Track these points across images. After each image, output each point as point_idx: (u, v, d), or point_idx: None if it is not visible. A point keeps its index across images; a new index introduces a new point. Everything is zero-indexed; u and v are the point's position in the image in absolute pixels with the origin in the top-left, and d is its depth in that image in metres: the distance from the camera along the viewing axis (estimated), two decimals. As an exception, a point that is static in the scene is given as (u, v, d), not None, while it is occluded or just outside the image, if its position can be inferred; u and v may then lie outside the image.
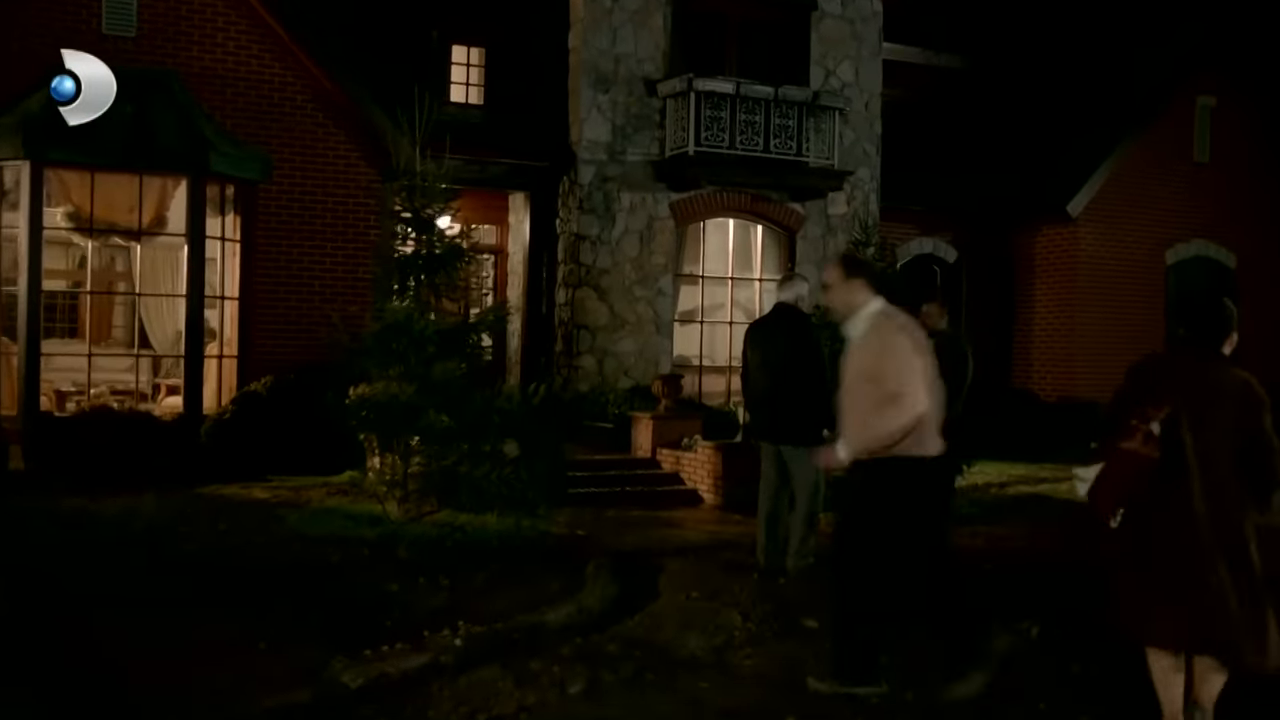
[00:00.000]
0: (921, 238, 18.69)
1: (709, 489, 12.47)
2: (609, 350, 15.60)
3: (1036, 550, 9.84)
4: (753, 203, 16.45)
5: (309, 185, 14.48)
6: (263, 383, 13.34)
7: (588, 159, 15.49)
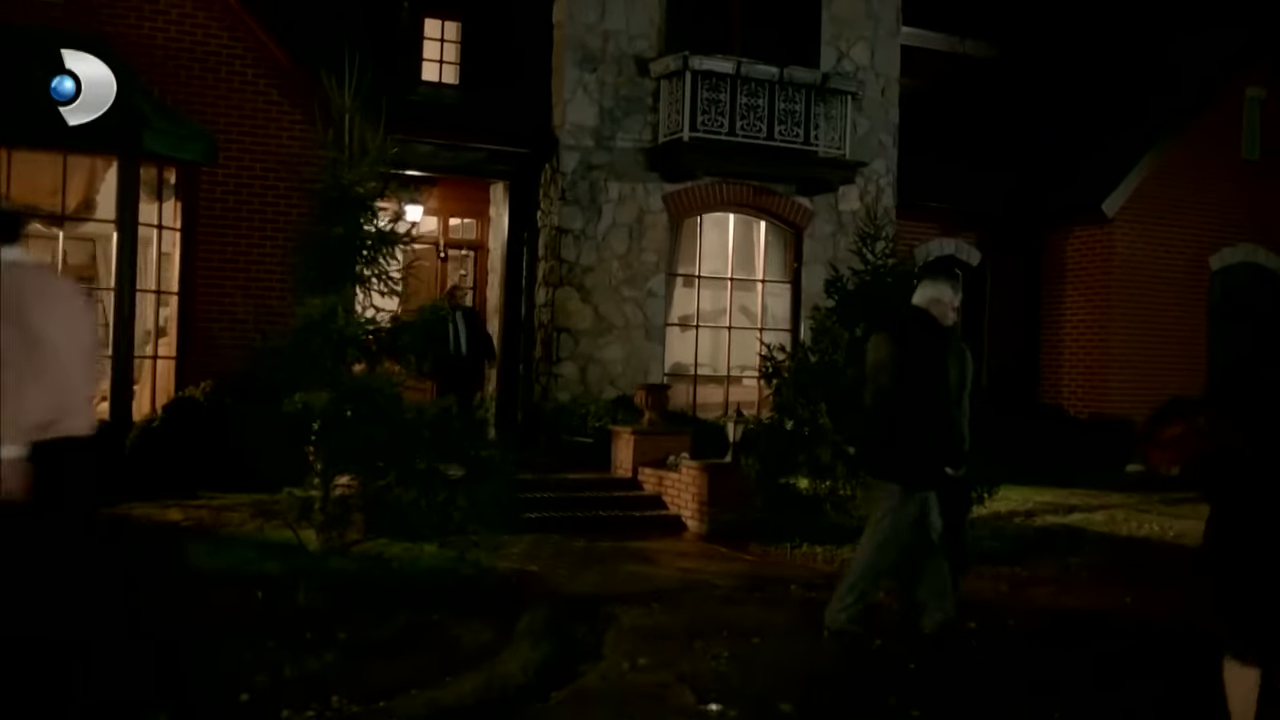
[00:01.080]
0: (942, 238, 17.15)
1: (693, 515, 10.97)
2: (593, 356, 14.11)
3: (1070, 603, 8.28)
4: (755, 196, 14.94)
5: (260, 169, 13.07)
6: (201, 388, 11.94)
7: (571, 145, 14.02)
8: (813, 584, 8.53)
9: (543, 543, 9.89)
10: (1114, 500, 13.11)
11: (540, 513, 10.83)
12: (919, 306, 6.90)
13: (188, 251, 12.78)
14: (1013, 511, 11.94)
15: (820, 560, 9.47)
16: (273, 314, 12.78)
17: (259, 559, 8.17)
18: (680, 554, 9.80)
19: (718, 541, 10.35)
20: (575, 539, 10.13)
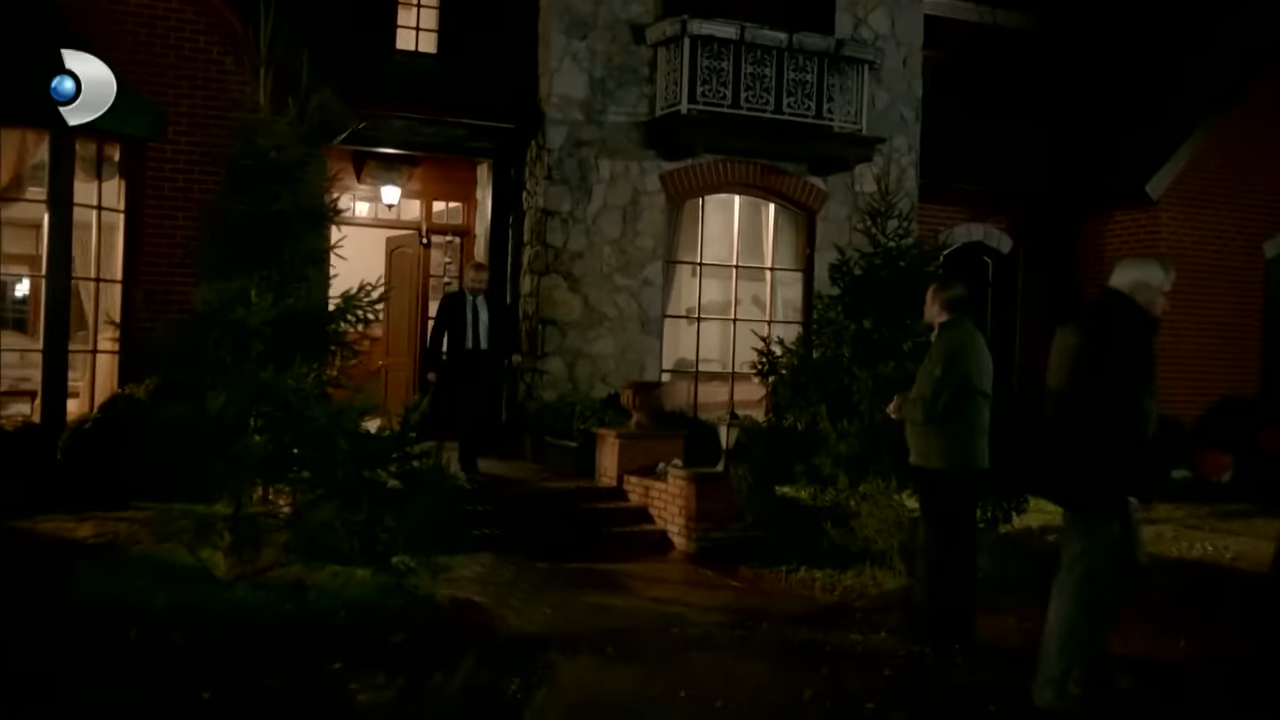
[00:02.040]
0: (970, 223, 15.76)
1: (680, 531, 9.70)
2: (582, 351, 12.84)
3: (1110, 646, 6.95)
4: (763, 175, 13.62)
5: (214, 146, 11.83)
6: (145, 385, 10.76)
7: (558, 119, 12.74)
8: (809, 620, 7.26)
9: (502, 565, 8.66)
10: (1159, 513, 11.70)
11: (506, 528, 9.60)
12: (1119, 291, 5.50)
13: (132, 235, 11.60)
14: (1045, 527, 10.54)
15: (819, 588, 8.19)
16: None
17: (152, 587, 6.95)
18: (658, 579, 8.53)
19: (705, 563, 9.08)
20: (541, 560, 8.89)
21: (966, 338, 6.87)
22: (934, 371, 6.70)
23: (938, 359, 6.74)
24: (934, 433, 6.69)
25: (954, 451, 6.70)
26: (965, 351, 6.78)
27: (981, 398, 6.81)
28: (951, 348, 6.77)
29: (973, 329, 6.99)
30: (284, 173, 7.43)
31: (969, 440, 6.74)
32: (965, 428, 6.73)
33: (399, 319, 15.14)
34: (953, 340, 6.80)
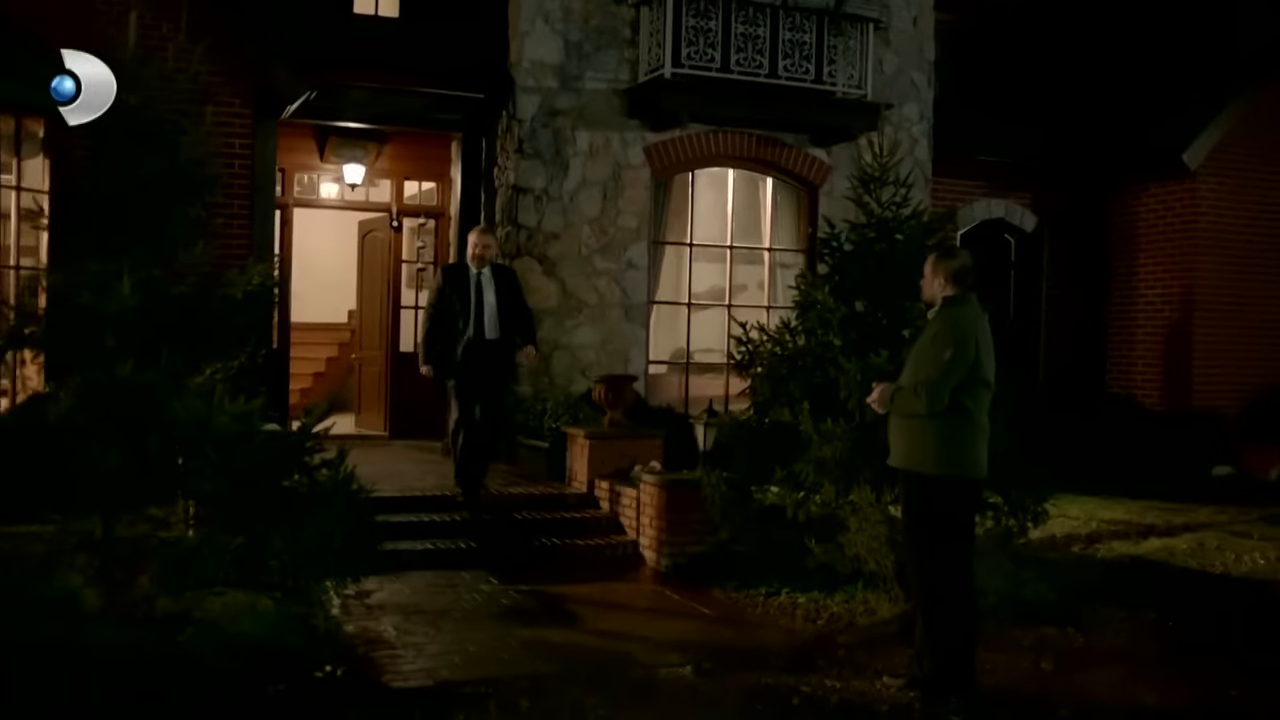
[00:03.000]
0: (989, 198, 14.49)
1: (650, 544, 8.55)
2: (559, 342, 11.69)
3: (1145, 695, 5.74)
4: (759, 147, 12.41)
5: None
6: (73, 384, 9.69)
7: (530, 86, 11.58)
8: (783, 659, 6.10)
9: (440, 588, 7.54)
10: (1200, 516, 10.45)
11: (457, 542, 8.49)
12: None
13: (58, 219, 10.53)
14: (1071, 536, 9.35)
15: (800, 616, 7.01)
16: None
17: None
18: (616, 605, 7.37)
19: (676, 583, 7.93)
20: (489, 580, 7.76)
21: (978, 318, 5.70)
22: (942, 354, 5.52)
23: (946, 339, 5.55)
24: (930, 430, 5.51)
25: (952, 454, 5.53)
26: (978, 333, 5.61)
27: (986, 390, 5.63)
28: (963, 327, 5.59)
29: (980, 308, 5.81)
30: (152, 132, 6.29)
31: (971, 441, 5.56)
32: (968, 426, 5.56)
33: (371, 309, 14.04)
34: (963, 319, 5.62)
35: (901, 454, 5.68)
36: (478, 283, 9.03)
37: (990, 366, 5.64)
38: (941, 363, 5.48)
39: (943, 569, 5.51)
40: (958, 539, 5.56)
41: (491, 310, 8.99)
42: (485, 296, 8.99)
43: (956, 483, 5.53)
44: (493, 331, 8.99)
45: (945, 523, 5.52)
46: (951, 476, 5.52)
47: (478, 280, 9.03)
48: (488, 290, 9.01)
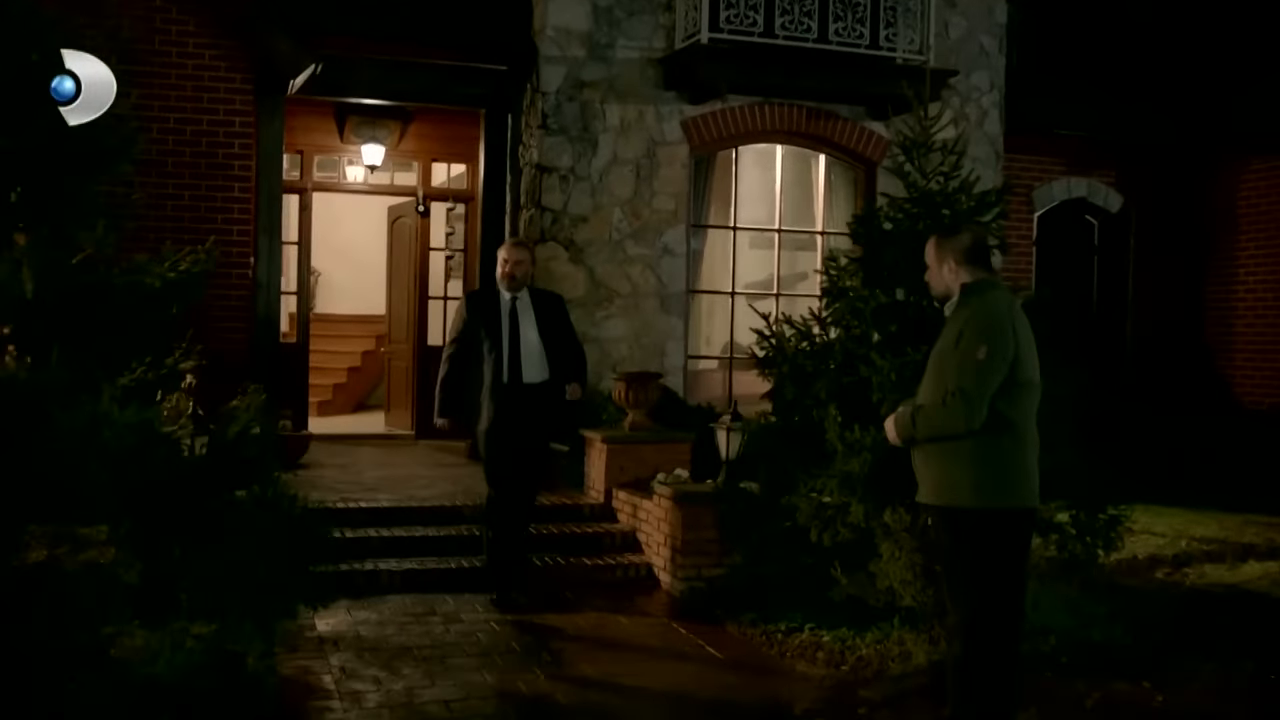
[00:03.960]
0: (1069, 176, 13.21)
1: (665, 566, 7.54)
2: (588, 335, 10.63)
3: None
4: (810, 121, 11.29)
5: (142, 97, 9.91)
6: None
7: (555, 55, 10.59)
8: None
9: (414, 616, 6.62)
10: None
11: (446, 561, 7.58)
12: None
13: (44, 204, 9.81)
14: (1155, 558, 8.14)
15: (822, 659, 5.96)
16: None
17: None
18: (614, 643, 6.35)
19: (687, 613, 6.92)
20: (471, 607, 6.83)
21: (1011, 303, 4.60)
22: (973, 355, 4.38)
23: (977, 336, 4.41)
24: (966, 452, 4.40)
25: (997, 480, 4.41)
26: (1014, 323, 4.50)
27: (1032, 393, 4.52)
28: (995, 318, 4.46)
29: (1010, 293, 4.71)
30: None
31: (1019, 460, 4.45)
32: (1013, 441, 4.45)
33: (399, 300, 13.19)
34: (994, 308, 4.50)
35: (932, 486, 4.55)
36: (512, 312, 7.09)
37: (1034, 362, 4.52)
38: (975, 366, 4.36)
39: (987, 621, 4.41)
40: (1007, 586, 4.44)
41: (533, 347, 7.07)
42: (523, 330, 7.07)
43: (1004, 516, 4.41)
44: (535, 373, 7.04)
45: (991, 567, 4.40)
46: (997, 509, 4.41)
47: (512, 309, 7.09)
48: (525, 322, 7.10)
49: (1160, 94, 13.33)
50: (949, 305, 4.66)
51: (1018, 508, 4.44)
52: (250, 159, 10.25)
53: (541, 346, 7.10)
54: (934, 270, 4.68)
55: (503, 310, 7.10)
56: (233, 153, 10.19)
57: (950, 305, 4.64)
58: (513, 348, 7.04)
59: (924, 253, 4.76)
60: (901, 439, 4.58)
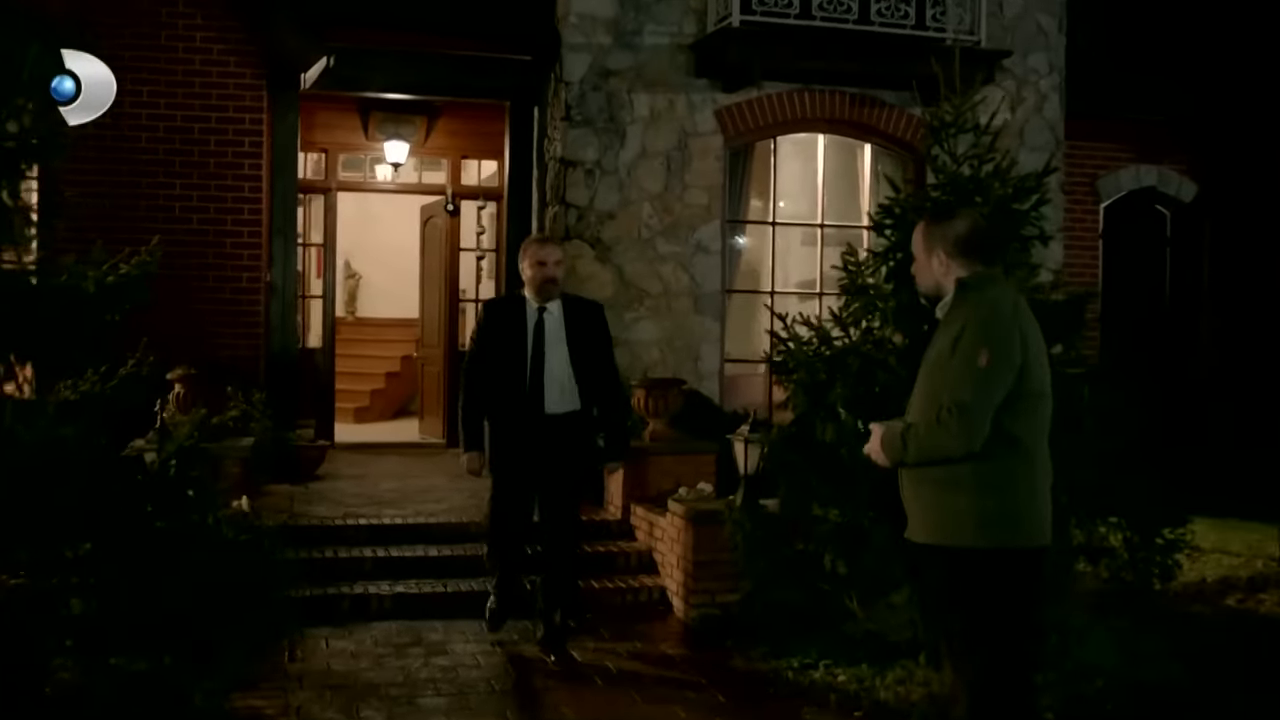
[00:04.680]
0: (1138, 164, 12.37)
1: (678, 590, 6.94)
2: (616, 338, 9.77)
3: None
4: (853, 108, 10.60)
5: (150, 96, 9.60)
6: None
7: (578, 43, 10.02)
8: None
9: (397, 647, 6.10)
10: None
11: (445, 584, 7.05)
12: None
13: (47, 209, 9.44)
14: (1226, 581, 7.37)
15: (835, 703, 5.32)
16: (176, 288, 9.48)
17: None
18: (606, 678, 5.75)
19: (696, 643, 6.34)
20: (462, 637, 6.29)
21: (1017, 302, 3.93)
22: (973, 363, 3.70)
23: (977, 340, 3.73)
24: (965, 479, 3.73)
25: (1002, 512, 3.73)
26: (1023, 325, 3.84)
27: (1042, 407, 3.85)
28: (999, 318, 3.79)
29: (1015, 290, 4.05)
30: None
31: (1027, 488, 3.79)
32: (1021, 465, 3.78)
33: (431, 303, 12.71)
34: (996, 307, 3.82)
35: (925, 521, 3.86)
36: (539, 326, 5.99)
37: (1044, 371, 3.84)
38: (975, 375, 3.67)
39: (997, 683, 3.73)
40: (1018, 641, 3.76)
41: (560, 371, 5.96)
42: (549, 350, 5.96)
43: (1013, 558, 3.73)
44: (560, 403, 5.95)
45: (1000, 619, 3.72)
46: (1006, 549, 3.74)
47: (539, 322, 6.00)
48: (554, 339, 5.99)
49: (1237, 75, 12.41)
50: (941, 305, 4.00)
51: (1028, 547, 3.76)
52: (260, 157, 9.84)
53: (571, 370, 5.98)
54: (921, 262, 4.01)
55: (528, 323, 5.98)
56: (243, 151, 9.79)
57: (944, 305, 3.98)
58: (535, 371, 5.91)
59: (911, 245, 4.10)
60: (890, 461, 3.92)
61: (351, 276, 16.19)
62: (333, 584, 6.94)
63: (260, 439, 8.64)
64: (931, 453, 3.76)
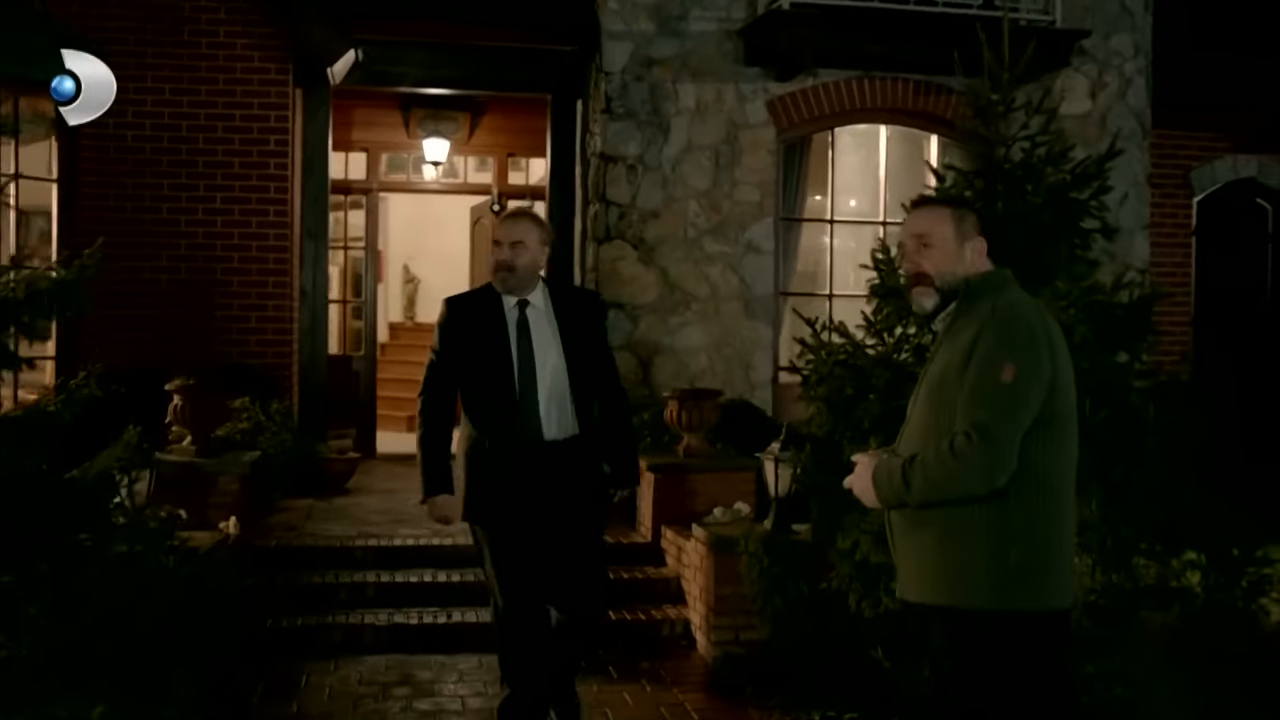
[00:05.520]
0: (1235, 155, 11.40)
1: (701, 623, 6.29)
2: (660, 344, 9.49)
3: None
4: (916, 96, 9.86)
5: (172, 94, 9.22)
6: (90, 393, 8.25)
7: (619, 31, 9.43)
8: None
9: (381, 685, 5.55)
10: None
11: (449, 613, 6.50)
12: None
13: (67, 210, 9.13)
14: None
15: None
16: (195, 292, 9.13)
17: None
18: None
19: (716, 688, 5.71)
20: (457, 675, 5.71)
21: (1037, 308, 3.24)
22: (994, 378, 3.00)
23: (997, 350, 3.03)
24: (978, 525, 3.04)
25: (1025, 565, 3.02)
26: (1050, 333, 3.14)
27: (1070, 430, 3.14)
28: (1022, 328, 3.08)
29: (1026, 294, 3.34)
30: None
31: (1053, 535, 3.08)
32: (1046, 507, 3.07)
33: (479, 308, 12.19)
34: (1019, 314, 3.11)
35: (922, 576, 3.17)
36: (522, 327, 4.62)
37: (1071, 391, 3.14)
38: (998, 394, 3.00)
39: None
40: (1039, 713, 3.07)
41: (556, 380, 4.59)
42: (539, 354, 4.59)
43: (1034, 622, 3.04)
44: (559, 425, 4.59)
45: (1014, 696, 3.02)
46: (1027, 613, 3.04)
47: (521, 321, 4.63)
48: (543, 340, 4.62)
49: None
50: (941, 317, 3.31)
51: (1055, 608, 3.06)
52: (286, 156, 9.40)
53: (568, 380, 4.60)
54: (949, 251, 3.27)
55: (508, 323, 4.59)
56: (268, 150, 9.36)
57: (946, 314, 3.29)
58: (526, 384, 4.55)
59: (914, 225, 3.39)
60: (887, 501, 3.23)
61: (410, 280, 15.81)
62: (328, 612, 6.43)
63: (274, 451, 8.17)
64: (944, 490, 3.05)
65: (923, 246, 3.31)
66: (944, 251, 3.27)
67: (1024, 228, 5.09)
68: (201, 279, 9.17)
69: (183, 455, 7.10)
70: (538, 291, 4.68)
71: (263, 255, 9.36)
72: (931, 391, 3.20)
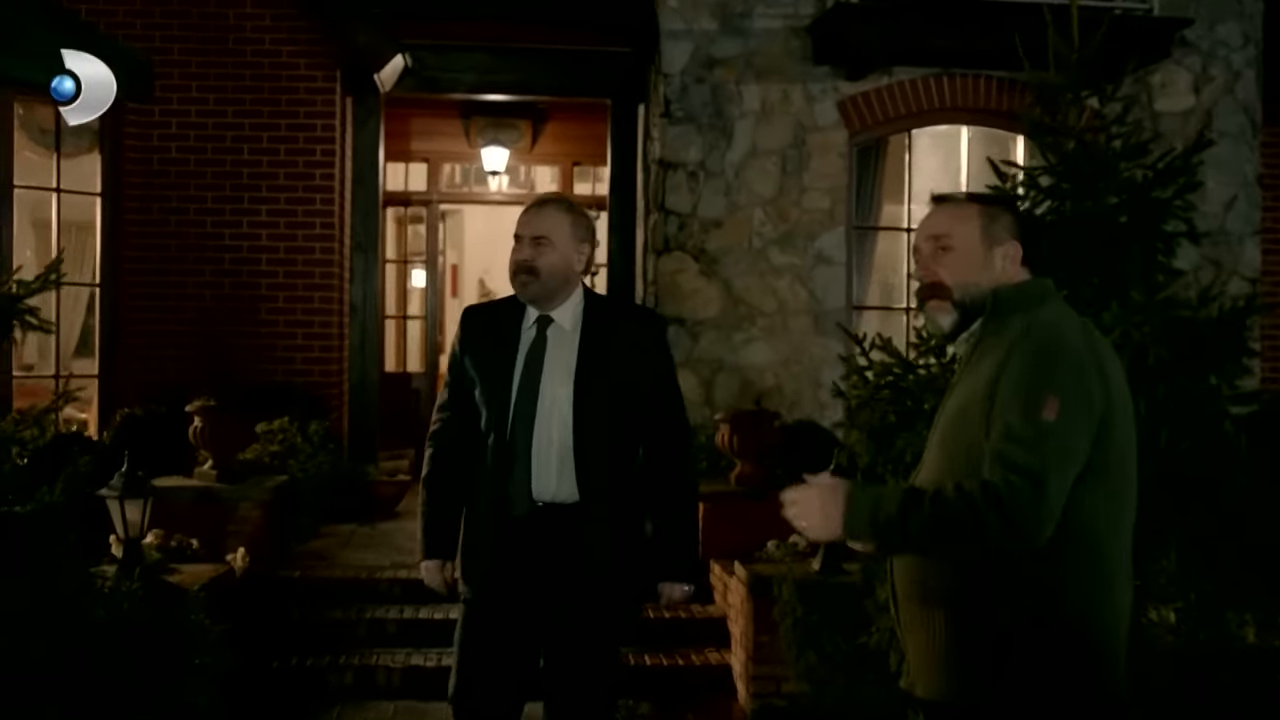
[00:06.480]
0: (1358, 153, 10.47)
1: (741, 671, 5.71)
2: (724, 361, 8.93)
3: None
4: (1000, 94, 9.17)
5: (216, 104, 8.95)
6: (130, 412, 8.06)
7: (679, 30, 8.91)
8: None
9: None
10: None
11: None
12: None
13: (113, 224, 8.90)
14: None
15: None
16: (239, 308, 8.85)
17: None
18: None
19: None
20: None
21: (1083, 328, 2.62)
22: (1035, 411, 2.38)
23: (1033, 382, 2.42)
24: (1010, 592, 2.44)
25: (1069, 647, 2.42)
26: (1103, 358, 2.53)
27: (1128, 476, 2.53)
28: (1064, 351, 2.46)
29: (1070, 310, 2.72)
30: None
31: (1109, 608, 2.48)
32: (1100, 572, 2.47)
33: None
34: (1060, 335, 2.51)
35: (933, 664, 2.57)
36: (532, 351, 3.57)
37: (1131, 428, 2.52)
38: (1038, 429, 2.37)
39: None
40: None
41: (558, 424, 3.51)
42: (543, 388, 3.53)
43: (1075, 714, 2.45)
44: (557, 484, 3.50)
45: None
46: (1071, 709, 2.44)
47: (536, 342, 3.58)
48: (557, 369, 3.55)
49: None
50: (964, 337, 2.72)
51: (1107, 703, 2.44)
52: (334, 167, 9.07)
53: (587, 424, 3.49)
54: (965, 258, 2.64)
55: (521, 343, 3.56)
56: (315, 160, 9.04)
57: (970, 334, 2.70)
58: (520, 425, 3.50)
59: (932, 225, 2.79)
60: (855, 535, 2.54)
61: (486, 294, 15.46)
62: (342, 651, 6.00)
63: (307, 475, 7.78)
64: (957, 538, 2.42)
65: (940, 250, 2.70)
66: (966, 257, 2.67)
67: (1093, 230, 4.46)
68: (246, 294, 8.87)
69: (202, 480, 6.74)
70: (570, 305, 3.58)
71: (309, 269, 9.03)
72: (949, 429, 2.61)
